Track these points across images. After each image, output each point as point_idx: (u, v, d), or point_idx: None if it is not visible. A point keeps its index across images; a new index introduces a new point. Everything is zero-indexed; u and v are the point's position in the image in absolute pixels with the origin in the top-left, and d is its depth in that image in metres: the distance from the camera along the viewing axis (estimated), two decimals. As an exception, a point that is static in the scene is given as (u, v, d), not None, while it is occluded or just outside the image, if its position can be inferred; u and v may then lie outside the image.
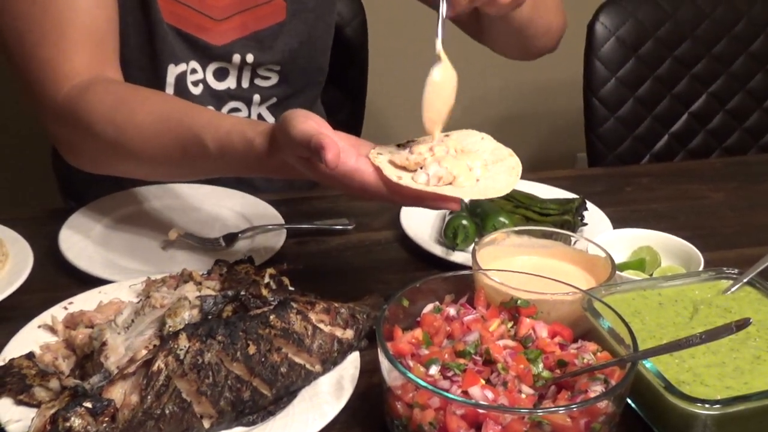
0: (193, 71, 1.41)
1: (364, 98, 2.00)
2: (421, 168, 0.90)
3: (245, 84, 1.45)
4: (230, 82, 1.44)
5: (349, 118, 1.98)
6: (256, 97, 1.47)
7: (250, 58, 1.42)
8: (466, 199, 0.90)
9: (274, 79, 1.47)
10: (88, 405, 0.83)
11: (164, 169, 1.16)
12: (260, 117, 1.49)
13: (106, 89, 1.16)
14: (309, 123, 0.90)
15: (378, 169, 0.90)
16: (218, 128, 1.02)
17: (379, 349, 0.88)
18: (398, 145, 0.96)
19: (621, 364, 0.90)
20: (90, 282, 1.14)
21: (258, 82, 1.46)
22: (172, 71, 1.38)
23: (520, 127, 2.79)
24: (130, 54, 1.35)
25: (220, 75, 1.43)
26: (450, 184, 0.88)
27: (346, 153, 0.89)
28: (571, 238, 1.17)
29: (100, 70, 1.19)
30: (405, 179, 0.88)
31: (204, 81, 1.42)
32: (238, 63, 1.42)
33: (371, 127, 2.05)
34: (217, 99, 1.45)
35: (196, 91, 1.42)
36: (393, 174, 0.88)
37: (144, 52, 1.36)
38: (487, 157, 0.92)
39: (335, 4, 1.53)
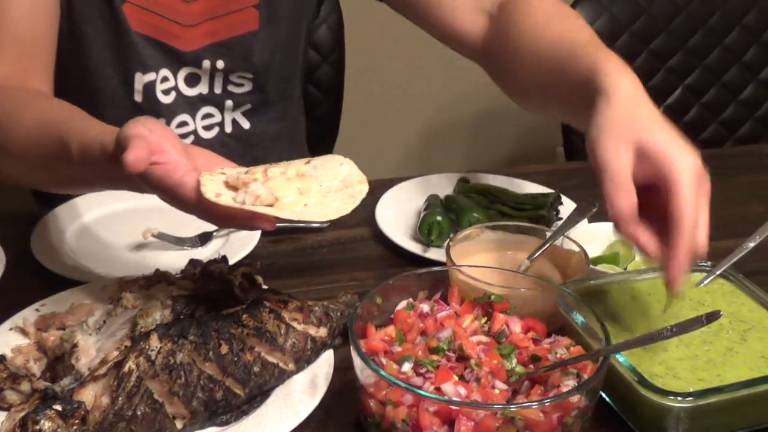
0: (165, 79, 1.40)
1: (341, 95, 1.99)
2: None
3: (218, 90, 1.44)
4: (202, 88, 1.43)
5: (326, 115, 1.98)
6: (229, 103, 1.46)
7: (220, 64, 1.41)
8: (294, 218, 0.87)
9: (248, 86, 1.46)
10: (58, 408, 0.83)
11: (46, 176, 1.13)
12: (235, 122, 1.48)
13: (5, 96, 1.15)
14: (135, 129, 0.88)
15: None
16: (85, 135, 0.99)
17: (351, 347, 0.88)
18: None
19: (593, 359, 0.90)
20: (62, 284, 1.13)
21: (231, 88, 1.45)
22: (140, 79, 1.37)
23: (500, 123, 2.80)
24: (92, 64, 1.34)
25: (192, 80, 1.42)
26: (270, 205, 0.86)
27: (175, 167, 0.87)
28: (546, 232, 1.17)
29: (22, 80, 1.19)
30: (225, 197, 0.86)
31: (176, 88, 1.41)
32: (208, 69, 1.41)
33: (349, 123, 2.05)
34: (190, 105, 1.44)
35: (167, 99, 1.41)
36: (212, 191, 0.86)
37: (107, 61, 1.35)
38: (333, 183, 0.91)
39: (310, 12, 1.51)
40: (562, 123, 1.99)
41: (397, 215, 1.35)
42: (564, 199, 1.38)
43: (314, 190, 0.89)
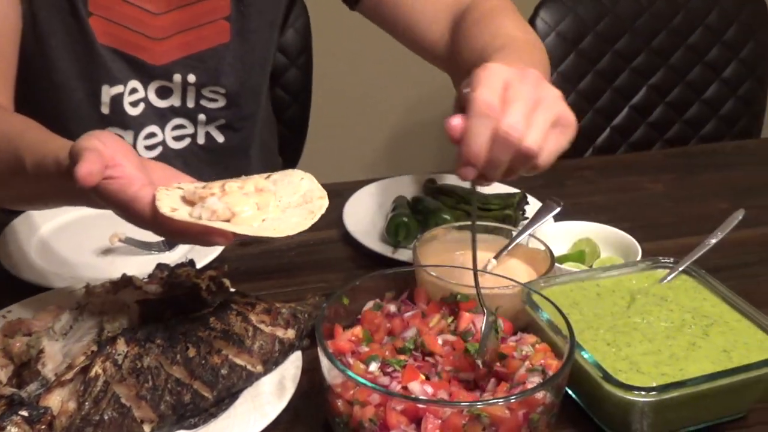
0: (134, 91, 1.38)
1: (309, 98, 2.00)
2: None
3: (191, 104, 1.42)
4: (174, 101, 1.41)
5: (294, 118, 1.98)
6: (202, 117, 1.44)
7: (191, 78, 1.39)
8: (251, 233, 0.85)
9: (221, 102, 1.44)
10: (24, 413, 0.83)
11: (2, 192, 1.11)
12: (209, 135, 1.47)
13: None
14: (88, 142, 0.86)
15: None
16: (40, 149, 0.97)
17: (318, 348, 0.89)
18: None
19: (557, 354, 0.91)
20: (30, 290, 1.13)
21: (204, 103, 1.43)
22: (107, 92, 1.35)
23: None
24: (58, 76, 1.33)
25: (163, 93, 1.40)
26: (227, 220, 0.85)
27: (130, 181, 0.85)
28: (512, 232, 1.18)
29: None
30: (181, 212, 0.85)
31: (146, 99, 1.39)
32: (179, 83, 1.39)
33: (318, 126, 2.06)
34: (160, 116, 1.42)
35: (135, 111, 1.39)
36: (167, 206, 0.85)
37: (73, 73, 1.33)
38: (293, 198, 0.91)
39: (278, 24, 1.50)
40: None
41: (365, 217, 1.35)
42: (530, 198, 1.39)
43: (272, 205, 0.89)
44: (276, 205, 0.89)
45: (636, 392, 0.88)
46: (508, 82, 0.90)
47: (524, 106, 0.89)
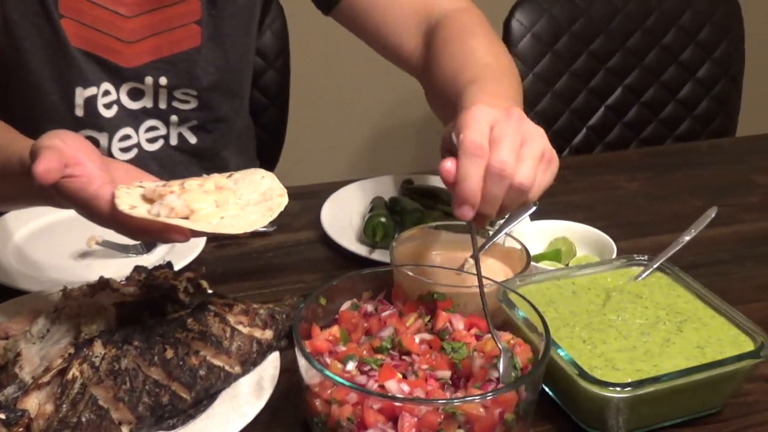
0: (106, 93, 1.38)
1: (287, 100, 2.00)
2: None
3: (162, 105, 1.42)
4: (146, 102, 1.41)
5: (272, 120, 1.98)
6: (174, 118, 1.44)
7: (163, 81, 1.39)
8: (209, 230, 0.86)
9: (193, 103, 1.44)
10: (2, 416, 0.82)
11: None
12: (181, 136, 1.47)
13: None
14: (48, 140, 0.87)
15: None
16: (5, 149, 0.98)
17: (296, 348, 0.89)
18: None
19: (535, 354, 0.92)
20: (6, 293, 1.12)
21: (176, 104, 1.43)
22: (81, 94, 1.35)
23: (442, 126, 2.82)
24: (32, 78, 1.32)
25: (135, 95, 1.40)
26: (186, 217, 0.86)
27: (90, 179, 0.86)
28: (489, 231, 1.19)
29: None
30: (139, 210, 0.85)
31: (118, 102, 1.39)
32: (151, 85, 1.39)
33: (296, 129, 2.06)
34: (133, 118, 1.42)
35: (109, 113, 1.39)
36: (126, 204, 0.85)
37: (47, 76, 1.33)
38: (253, 196, 0.91)
39: (254, 28, 1.50)
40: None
41: (343, 218, 1.36)
42: (507, 198, 1.40)
43: (231, 202, 0.89)
44: (235, 202, 0.90)
45: (611, 389, 0.89)
46: (493, 122, 0.94)
47: (512, 142, 0.93)
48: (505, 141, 0.92)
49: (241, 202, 0.90)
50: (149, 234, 0.88)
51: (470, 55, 1.24)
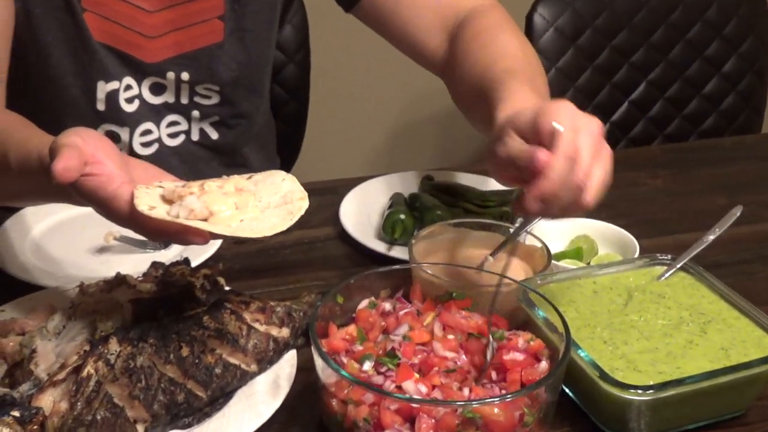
0: (128, 87, 1.37)
1: (308, 94, 1.99)
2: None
3: (184, 100, 1.42)
4: (168, 97, 1.41)
5: (292, 115, 1.98)
6: (196, 113, 1.44)
7: (185, 76, 1.39)
8: (228, 233, 0.85)
9: (215, 99, 1.43)
10: (16, 414, 0.82)
11: None
12: (202, 131, 1.47)
13: None
14: (68, 138, 0.86)
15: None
16: (24, 145, 0.97)
17: (312, 347, 0.88)
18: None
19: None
20: (24, 289, 1.12)
21: (198, 99, 1.43)
22: (102, 88, 1.35)
23: (465, 122, 2.80)
24: (53, 72, 1.32)
25: (157, 90, 1.40)
26: (205, 219, 0.85)
27: (109, 179, 0.85)
28: (509, 229, 1.17)
29: None
30: (159, 210, 0.84)
31: (140, 96, 1.39)
32: (173, 80, 1.39)
33: (316, 123, 2.05)
34: (155, 112, 1.41)
35: (131, 108, 1.38)
36: (145, 204, 0.84)
37: (68, 69, 1.33)
38: (273, 199, 0.90)
39: (275, 23, 1.50)
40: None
41: (362, 214, 1.35)
42: (528, 195, 1.38)
43: (251, 205, 0.88)
44: (255, 205, 0.89)
45: (632, 391, 0.88)
46: (579, 127, 0.92)
47: (589, 156, 0.91)
48: (585, 151, 0.90)
49: (261, 204, 0.89)
50: (167, 235, 0.87)
51: (503, 48, 1.22)
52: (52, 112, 1.35)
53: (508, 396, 0.85)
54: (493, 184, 1.43)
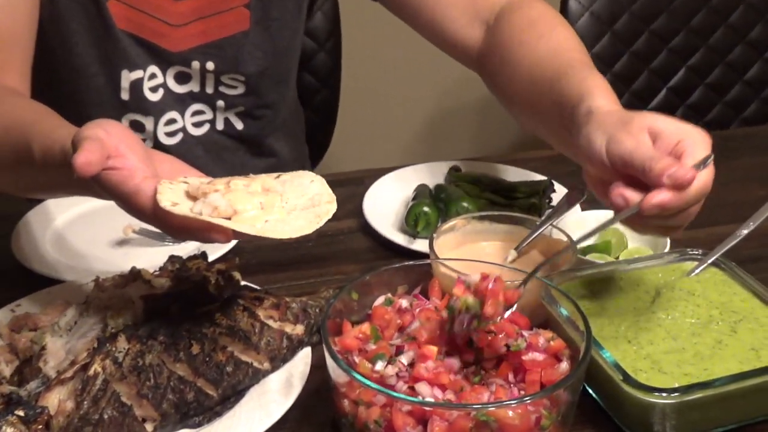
0: (152, 76, 1.37)
1: (339, 83, 1.96)
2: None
3: (209, 90, 1.41)
4: (193, 86, 1.40)
5: (323, 103, 1.95)
6: (221, 103, 1.43)
7: (210, 65, 1.37)
8: (252, 233, 0.82)
9: (240, 89, 1.42)
10: (20, 413, 0.81)
11: (11, 180, 1.08)
12: (227, 121, 1.45)
13: None
14: (91, 131, 0.84)
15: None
16: (48, 137, 0.94)
17: (323, 346, 0.86)
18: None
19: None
20: (43, 283, 1.11)
21: (223, 89, 1.42)
22: (126, 77, 1.35)
23: (503, 109, 2.76)
24: (78, 61, 1.32)
25: (182, 79, 1.39)
26: (229, 218, 0.82)
27: (132, 173, 0.83)
28: (535, 222, 1.14)
29: None
30: (182, 207, 0.82)
31: (164, 85, 1.38)
32: (198, 69, 1.38)
33: (348, 112, 2.02)
34: (179, 102, 1.41)
35: (155, 97, 1.38)
36: (168, 200, 0.82)
37: (93, 58, 1.32)
38: (300, 201, 0.87)
39: (303, 12, 1.47)
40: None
41: (386, 206, 1.32)
42: (558, 186, 1.34)
43: (277, 206, 0.86)
44: (281, 206, 0.86)
45: (656, 394, 0.84)
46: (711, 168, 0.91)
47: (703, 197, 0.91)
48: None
49: (288, 206, 0.87)
50: (190, 232, 0.84)
51: (564, 40, 1.18)
52: (76, 102, 1.35)
53: (527, 398, 0.82)
54: (521, 175, 1.39)
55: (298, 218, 0.86)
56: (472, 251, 1.11)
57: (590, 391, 0.93)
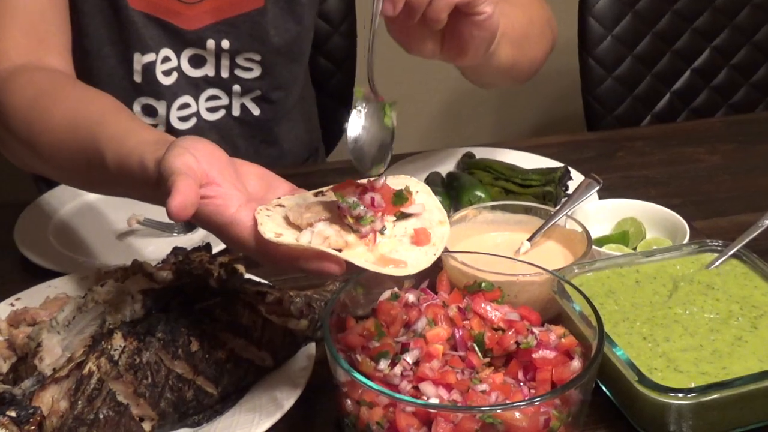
0: (166, 59, 1.35)
1: (354, 66, 1.93)
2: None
3: (225, 74, 1.39)
4: (208, 70, 1.38)
5: (339, 87, 1.92)
6: (237, 88, 1.41)
7: (225, 44, 1.36)
8: (369, 268, 0.76)
9: (256, 71, 1.40)
10: (12, 414, 0.78)
11: (77, 180, 1.05)
12: (244, 107, 1.43)
13: (30, 80, 1.09)
14: (181, 159, 0.78)
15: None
16: (122, 145, 0.89)
17: (325, 344, 0.83)
18: (316, 193, 0.84)
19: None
20: (45, 275, 1.09)
21: (239, 72, 1.40)
22: (138, 60, 1.33)
23: (526, 91, 2.70)
24: (90, 43, 1.30)
25: (197, 62, 1.37)
26: (340, 249, 0.76)
27: (226, 202, 0.78)
28: (550, 211, 1.10)
29: (37, 57, 1.14)
30: (287, 237, 0.76)
31: (179, 68, 1.36)
32: (213, 49, 1.36)
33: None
34: (193, 86, 1.39)
35: (168, 80, 1.36)
36: (272, 230, 0.76)
37: (105, 40, 1.31)
38: (409, 223, 0.80)
39: None
40: (582, 89, 1.91)
41: (397, 194, 1.28)
42: (574, 173, 1.30)
43: (387, 234, 0.79)
44: (391, 235, 0.79)
45: (672, 394, 0.80)
46: None
47: None
48: None
49: (396, 229, 0.80)
50: (296, 263, 0.77)
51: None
52: (89, 84, 1.32)
53: (536, 399, 0.78)
54: (537, 162, 1.35)
55: (410, 249, 0.78)
56: (483, 242, 1.07)
57: (604, 389, 0.90)
